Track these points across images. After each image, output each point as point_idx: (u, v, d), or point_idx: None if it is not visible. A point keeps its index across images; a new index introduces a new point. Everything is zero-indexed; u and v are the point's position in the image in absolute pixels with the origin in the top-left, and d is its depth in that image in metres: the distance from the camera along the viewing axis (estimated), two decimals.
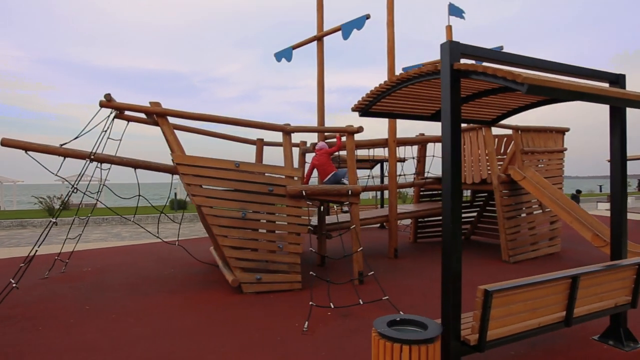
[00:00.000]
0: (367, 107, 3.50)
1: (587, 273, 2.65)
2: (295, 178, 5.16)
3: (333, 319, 3.97)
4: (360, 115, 3.60)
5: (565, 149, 7.75)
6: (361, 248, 4.94)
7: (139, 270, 6.17)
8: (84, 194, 5.41)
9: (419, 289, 5.01)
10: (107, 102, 4.85)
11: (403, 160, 9.63)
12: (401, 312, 3.96)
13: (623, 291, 2.99)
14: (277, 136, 5.51)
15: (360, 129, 5.45)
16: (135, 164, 5.36)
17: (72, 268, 6.20)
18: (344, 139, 5.63)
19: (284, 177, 5.12)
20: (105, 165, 5.42)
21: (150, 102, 5.01)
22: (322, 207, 6.33)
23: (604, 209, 15.07)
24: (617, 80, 3.14)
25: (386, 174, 11.60)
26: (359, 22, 5.77)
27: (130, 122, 5.89)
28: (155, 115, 4.95)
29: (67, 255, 6.40)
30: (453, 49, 2.36)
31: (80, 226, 11.85)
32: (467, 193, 9.11)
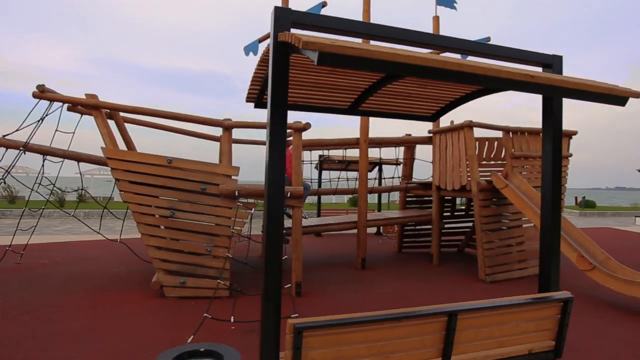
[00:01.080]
0: (260, 97, 3.05)
1: (471, 310, 2.03)
2: (233, 177, 4.80)
3: (232, 335, 3.55)
4: (256, 107, 3.15)
5: (570, 155, 6.78)
6: (285, 257, 4.45)
7: (91, 265, 6.09)
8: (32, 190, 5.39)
9: (362, 306, 4.45)
10: (40, 92, 4.75)
11: (396, 163, 8.99)
12: None
13: (541, 335, 2.31)
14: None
15: (307, 126, 4.97)
16: (78, 157, 5.25)
17: (30, 259, 6.23)
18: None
19: (220, 175, 4.77)
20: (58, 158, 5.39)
21: (86, 95, 4.86)
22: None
23: None
24: (552, 63, 2.46)
25: (384, 176, 10.99)
26: (315, 11, 5.29)
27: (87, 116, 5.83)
28: (89, 108, 4.79)
29: (42, 246, 6.47)
30: (280, 16, 1.87)
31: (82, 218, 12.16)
32: (461, 201, 8.29)
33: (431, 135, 7.03)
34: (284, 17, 1.88)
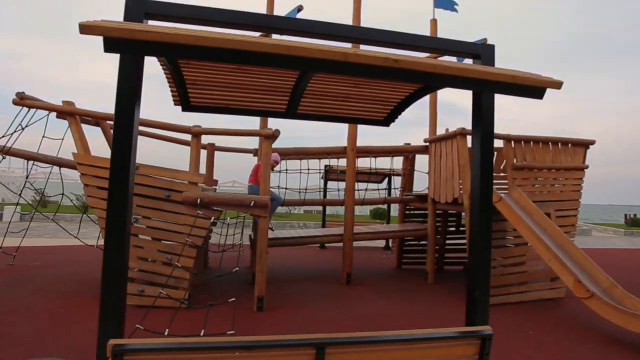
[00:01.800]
0: (184, 99, 2.90)
1: (346, 343, 1.70)
2: (199, 184, 4.70)
3: None
4: (183, 110, 3.00)
5: (586, 167, 6.04)
6: (236, 269, 4.24)
7: (78, 268, 6.23)
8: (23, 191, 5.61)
9: (330, 325, 4.13)
10: (20, 100, 4.95)
11: (392, 173, 8.58)
12: None
13: None
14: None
15: (276, 133, 4.78)
16: (59, 163, 5.40)
17: (25, 261, 6.47)
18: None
19: (185, 182, 4.69)
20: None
21: (62, 102, 5.00)
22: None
23: None
24: (480, 53, 2.10)
25: (394, 186, 10.53)
26: (291, 15, 5.15)
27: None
28: (64, 114, 4.92)
29: (42, 249, 6.75)
30: (130, 6, 1.70)
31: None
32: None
33: (427, 144, 6.59)
34: (135, 7, 1.71)
